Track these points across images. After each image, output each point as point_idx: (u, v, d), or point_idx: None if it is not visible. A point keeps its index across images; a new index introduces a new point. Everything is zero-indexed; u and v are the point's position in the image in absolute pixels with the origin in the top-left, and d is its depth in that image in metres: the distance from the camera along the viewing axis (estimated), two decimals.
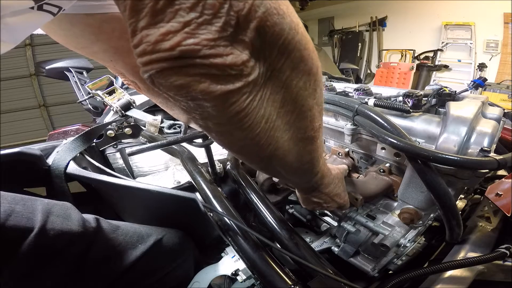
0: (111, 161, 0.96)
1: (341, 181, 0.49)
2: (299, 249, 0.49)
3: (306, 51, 0.26)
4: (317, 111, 0.32)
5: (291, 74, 0.26)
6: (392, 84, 3.78)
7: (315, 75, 0.29)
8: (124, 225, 0.50)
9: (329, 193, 0.47)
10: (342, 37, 4.93)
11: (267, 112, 0.26)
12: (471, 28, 3.38)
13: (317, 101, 0.32)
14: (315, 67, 0.28)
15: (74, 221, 0.42)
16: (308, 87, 0.29)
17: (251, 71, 0.22)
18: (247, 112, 0.24)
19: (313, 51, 0.27)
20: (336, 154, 0.67)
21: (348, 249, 0.57)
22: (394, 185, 0.60)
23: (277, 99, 0.26)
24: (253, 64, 0.22)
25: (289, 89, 0.27)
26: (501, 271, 0.46)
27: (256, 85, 0.23)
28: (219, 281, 0.57)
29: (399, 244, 0.53)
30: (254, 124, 0.25)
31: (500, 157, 0.42)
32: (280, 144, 0.30)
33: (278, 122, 0.28)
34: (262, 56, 0.23)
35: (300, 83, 0.27)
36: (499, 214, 0.56)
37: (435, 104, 0.57)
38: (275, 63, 0.24)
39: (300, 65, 0.26)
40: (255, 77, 0.22)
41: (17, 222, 0.37)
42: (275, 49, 0.23)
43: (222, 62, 0.20)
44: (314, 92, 0.30)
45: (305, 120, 0.31)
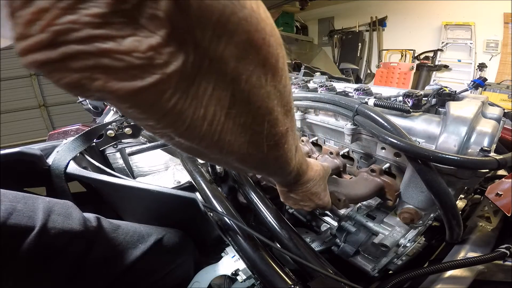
0: (111, 161, 0.96)
1: (322, 179, 0.45)
2: (299, 249, 0.49)
3: (259, 34, 0.19)
4: (281, 113, 0.26)
5: (237, 66, 0.19)
6: (392, 84, 3.77)
7: (274, 68, 0.22)
8: (125, 225, 0.50)
9: (306, 191, 0.43)
10: (342, 37, 4.93)
11: (209, 112, 0.20)
12: (471, 28, 3.38)
13: (281, 102, 0.26)
14: (273, 57, 0.22)
15: (75, 220, 0.42)
16: (265, 84, 0.23)
17: (170, 60, 0.16)
18: (177, 113, 0.18)
19: (271, 35, 0.21)
20: (328, 154, 0.66)
21: (348, 249, 0.57)
22: (386, 187, 0.57)
23: (224, 97, 0.20)
24: (172, 50, 0.16)
25: (238, 86, 0.21)
26: (501, 271, 0.45)
27: (184, 79, 0.17)
28: (219, 281, 0.57)
29: (399, 244, 0.53)
30: (192, 128, 0.20)
31: (500, 157, 0.42)
32: (235, 148, 0.25)
33: (228, 124, 0.22)
34: (190, 39, 0.16)
35: (253, 78, 0.21)
36: (499, 214, 0.56)
37: (435, 104, 0.57)
38: (211, 50, 0.18)
39: (249, 54, 0.20)
40: (178, 68, 0.16)
41: (19, 221, 0.37)
42: (209, 30, 0.17)
43: (115, 48, 0.14)
44: (275, 91, 0.24)
45: (263, 124, 0.25)
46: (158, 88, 0.16)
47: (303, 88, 0.81)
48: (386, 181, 0.56)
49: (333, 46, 5.09)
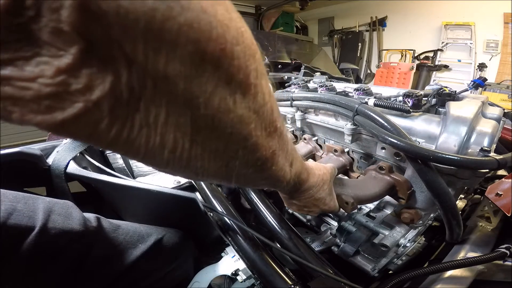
0: (111, 161, 0.96)
1: (326, 183, 0.42)
2: (299, 249, 0.49)
3: (214, 44, 0.15)
4: (262, 137, 0.22)
5: (189, 87, 0.15)
6: (392, 84, 3.77)
7: (243, 86, 0.18)
8: (125, 225, 0.50)
9: (309, 198, 0.41)
10: (342, 37, 4.93)
11: (168, 140, 0.17)
12: (471, 28, 3.38)
13: (260, 125, 0.21)
14: (241, 72, 0.17)
15: (75, 220, 0.42)
16: (234, 107, 0.18)
17: (92, 83, 0.13)
18: (124, 143, 0.15)
19: (236, 43, 0.16)
20: (332, 152, 0.64)
21: (348, 249, 0.57)
22: (397, 185, 0.53)
23: (183, 123, 0.17)
24: (91, 71, 0.13)
25: (196, 111, 0.17)
26: (501, 271, 0.45)
27: (122, 105, 0.14)
28: (219, 281, 0.57)
29: (399, 244, 0.53)
30: (150, 156, 0.17)
31: (500, 157, 0.42)
32: (211, 173, 0.21)
33: (196, 151, 0.19)
34: (117, 55, 0.13)
35: (214, 101, 0.17)
36: (499, 214, 0.56)
37: (435, 104, 0.57)
38: (150, 67, 0.14)
39: (203, 71, 0.15)
40: (106, 93, 0.13)
41: (19, 221, 0.37)
42: (139, 41, 0.13)
43: (16, 75, 0.12)
44: (249, 113, 0.19)
45: (239, 151, 0.21)
46: (87, 119, 0.13)
47: (303, 88, 0.81)
48: (397, 179, 0.53)
49: (333, 46, 5.09)
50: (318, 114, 0.73)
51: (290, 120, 0.81)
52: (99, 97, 0.13)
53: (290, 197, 0.42)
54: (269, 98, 0.21)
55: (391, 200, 0.63)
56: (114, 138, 0.15)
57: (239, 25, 0.17)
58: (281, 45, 1.79)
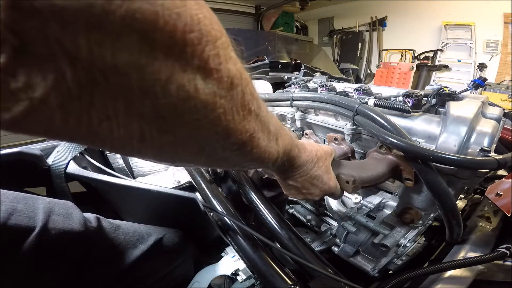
0: (111, 161, 0.96)
1: (321, 160, 0.40)
2: (299, 249, 0.49)
3: (162, 32, 0.15)
4: (236, 121, 0.21)
5: (142, 76, 0.15)
6: (392, 84, 3.77)
7: (204, 70, 0.17)
8: (125, 225, 0.50)
9: (305, 176, 0.39)
10: (342, 37, 4.93)
11: (133, 130, 0.17)
12: (471, 28, 3.38)
13: (231, 108, 0.20)
14: (197, 56, 0.17)
15: (76, 220, 0.42)
16: (196, 93, 0.17)
17: (32, 81, 0.13)
18: (85, 136, 0.16)
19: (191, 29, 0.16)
20: (333, 141, 0.62)
21: (348, 249, 0.57)
22: (401, 165, 0.49)
23: (146, 112, 0.17)
24: (29, 69, 0.13)
25: (156, 100, 0.16)
26: (501, 271, 0.45)
27: (73, 99, 0.14)
28: (219, 281, 0.57)
29: (399, 244, 0.53)
30: (119, 146, 0.17)
31: (500, 157, 0.42)
32: (190, 159, 0.22)
33: (167, 138, 0.19)
34: (57, 51, 0.13)
35: (171, 88, 0.16)
36: (499, 214, 0.56)
37: (435, 104, 0.57)
38: (97, 61, 0.14)
39: (154, 58, 0.15)
40: (50, 89, 0.13)
41: (19, 221, 0.37)
42: (81, 36, 0.13)
43: None
44: (214, 98, 0.19)
45: (212, 137, 0.21)
46: (38, 116, 0.13)
47: (303, 88, 0.81)
48: (400, 157, 0.49)
49: (333, 46, 5.09)
50: (318, 114, 0.73)
51: (290, 120, 0.81)
52: (43, 94, 0.13)
53: (284, 177, 0.40)
54: (239, 81, 0.20)
55: (391, 200, 0.63)
56: (73, 132, 0.15)
57: (195, 12, 0.16)
58: (281, 45, 1.79)
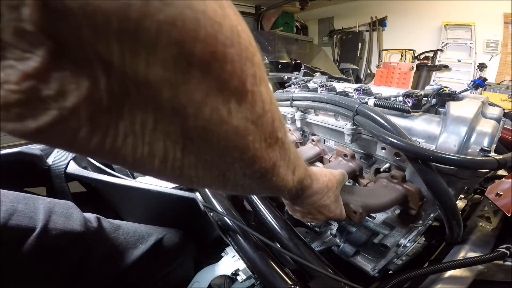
0: None
1: (331, 190, 0.40)
2: (299, 249, 0.49)
3: (203, 46, 0.13)
4: (262, 149, 0.20)
5: (175, 95, 0.14)
6: (392, 84, 3.77)
7: (239, 94, 0.16)
8: (125, 225, 0.50)
9: (313, 204, 0.38)
10: (342, 37, 4.93)
11: (157, 149, 0.16)
12: (471, 28, 3.38)
13: (259, 136, 0.19)
14: (236, 77, 0.15)
15: (76, 221, 0.42)
16: (229, 118, 0.16)
17: (65, 89, 0.12)
18: (108, 152, 0.14)
19: (231, 45, 0.14)
20: (342, 156, 0.62)
21: (348, 249, 0.57)
22: (409, 196, 0.51)
23: (173, 131, 0.15)
24: (64, 75, 0.11)
25: (185, 121, 0.15)
26: (501, 271, 0.45)
27: (103, 112, 0.13)
28: (219, 281, 0.57)
29: (399, 244, 0.53)
30: (139, 165, 0.16)
31: (500, 157, 0.42)
32: (207, 182, 0.20)
33: (190, 160, 0.17)
34: (92, 57, 0.12)
35: (205, 111, 0.15)
36: (499, 214, 0.56)
37: (435, 104, 0.57)
38: (129, 71, 0.12)
39: (191, 77, 0.14)
40: (82, 99, 0.12)
41: (20, 222, 0.37)
42: (113, 42, 0.11)
43: None
44: (246, 124, 0.17)
45: (236, 164, 0.20)
46: (64, 128, 0.12)
47: (303, 88, 0.81)
48: (410, 189, 0.50)
49: (333, 46, 5.09)
50: (318, 114, 0.73)
51: (290, 120, 0.81)
52: (75, 104, 0.12)
53: (292, 203, 0.40)
54: (270, 106, 0.19)
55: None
56: (96, 147, 0.14)
57: (235, 24, 0.15)
58: (281, 45, 1.79)
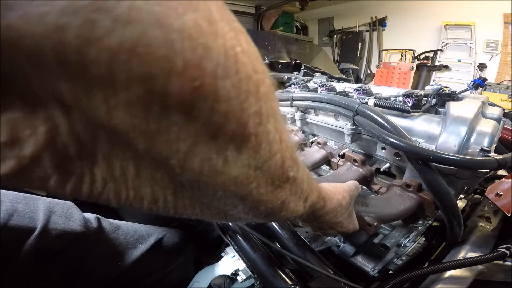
0: None
1: (345, 207, 0.37)
2: (299, 249, 0.49)
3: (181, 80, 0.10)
4: (268, 192, 0.17)
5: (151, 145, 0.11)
6: (392, 84, 3.77)
7: (238, 140, 0.13)
8: (125, 225, 0.50)
9: (325, 222, 0.36)
10: (342, 37, 4.93)
11: (145, 193, 0.14)
12: (471, 28, 3.38)
13: (265, 180, 0.16)
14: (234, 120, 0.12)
15: (76, 221, 0.42)
16: (226, 168, 0.13)
17: (19, 136, 0.10)
18: (88, 196, 0.13)
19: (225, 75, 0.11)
20: (351, 161, 0.59)
21: (348, 249, 0.57)
22: (425, 205, 0.49)
23: (160, 178, 0.14)
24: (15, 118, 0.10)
25: (172, 172, 0.13)
26: (501, 271, 0.45)
27: (71, 158, 0.11)
28: (219, 281, 0.57)
29: (399, 244, 0.53)
30: (129, 206, 0.14)
31: (500, 157, 0.42)
32: (207, 218, 0.19)
33: (184, 202, 0.16)
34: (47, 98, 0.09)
35: (194, 163, 0.12)
36: (499, 214, 0.56)
37: (435, 104, 0.57)
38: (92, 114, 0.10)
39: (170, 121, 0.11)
40: (42, 147, 0.10)
41: (20, 222, 0.37)
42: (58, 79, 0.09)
43: None
44: (248, 172, 0.15)
45: (237, 206, 0.18)
46: (29, 176, 0.11)
47: (303, 88, 0.81)
48: (426, 198, 0.48)
49: (333, 46, 5.09)
50: (318, 114, 0.73)
51: (290, 120, 0.81)
52: (34, 152, 0.10)
53: (304, 220, 0.37)
54: (279, 146, 0.16)
55: None
56: (73, 192, 0.12)
57: (231, 43, 0.11)
58: (281, 45, 1.79)
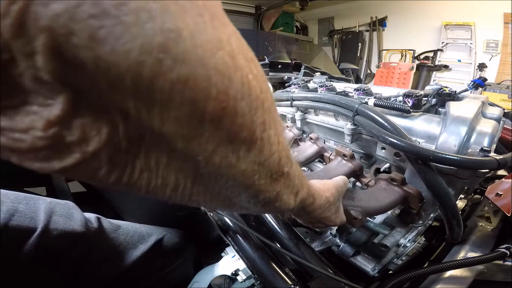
0: None
1: (333, 204, 0.40)
2: (299, 249, 0.49)
3: (214, 103, 0.13)
4: (267, 183, 0.21)
5: (188, 146, 0.15)
6: (392, 84, 3.77)
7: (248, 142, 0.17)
8: (125, 225, 0.50)
9: (313, 217, 0.39)
10: (342, 37, 4.93)
11: (169, 181, 0.17)
12: (471, 28, 3.38)
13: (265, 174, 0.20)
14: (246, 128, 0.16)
15: (77, 221, 0.42)
16: (237, 163, 0.17)
17: (87, 135, 0.12)
18: (125, 184, 0.15)
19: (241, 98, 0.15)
20: (341, 156, 0.61)
21: (348, 249, 0.57)
22: (409, 198, 0.50)
23: (185, 168, 0.17)
24: (85, 122, 0.12)
25: (197, 165, 0.16)
26: (501, 271, 0.46)
27: (122, 153, 0.14)
28: (219, 281, 0.57)
29: (399, 244, 0.53)
30: (152, 193, 0.17)
31: (500, 157, 0.42)
32: (213, 205, 0.22)
33: (198, 189, 0.19)
34: (110, 106, 0.12)
35: (215, 159, 0.16)
36: (499, 214, 0.56)
37: (435, 104, 0.57)
38: (145, 123, 0.13)
39: (203, 131, 0.14)
40: (103, 144, 0.13)
41: (21, 222, 0.37)
42: (128, 97, 0.12)
43: (8, 125, 0.11)
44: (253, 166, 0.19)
45: (242, 195, 0.21)
46: (86, 167, 0.13)
47: (303, 88, 0.81)
48: (409, 192, 0.50)
49: (333, 46, 5.09)
50: (318, 114, 0.73)
51: (290, 120, 0.81)
52: (97, 148, 0.13)
53: (294, 214, 0.39)
54: (277, 147, 0.20)
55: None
56: (115, 181, 0.15)
57: (245, 73, 0.15)
58: (281, 45, 1.79)
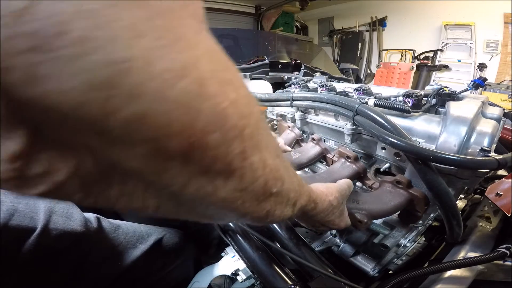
0: None
1: (337, 207, 0.39)
2: (299, 249, 0.49)
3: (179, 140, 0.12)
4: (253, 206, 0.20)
5: (159, 179, 0.14)
6: (392, 84, 3.77)
7: (225, 173, 0.15)
8: (125, 225, 0.50)
9: (317, 221, 0.38)
10: (342, 37, 4.93)
11: (150, 204, 0.17)
12: (471, 28, 3.38)
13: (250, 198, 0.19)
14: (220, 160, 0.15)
15: (76, 221, 0.42)
16: (215, 192, 0.16)
17: (52, 169, 0.12)
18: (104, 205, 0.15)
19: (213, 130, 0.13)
20: (344, 158, 0.60)
21: (348, 249, 0.57)
22: (415, 201, 0.49)
23: (164, 194, 0.16)
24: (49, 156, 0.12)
25: (173, 194, 0.16)
26: (501, 271, 0.46)
27: (94, 182, 0.14)
28: (219, 281, 0.57)
29: (399, 244, 0.53)
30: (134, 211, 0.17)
31: (500, 157, 0.42)
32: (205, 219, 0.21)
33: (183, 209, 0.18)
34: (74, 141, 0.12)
35: (190, 189, 0.15)
36: (499, 214, 0.56)
37: (435, 104, 0.57)
38: (112, 160, 0.13)
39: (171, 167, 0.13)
40: (70, 175, 0.13)
41: (20, 222, 0.37)
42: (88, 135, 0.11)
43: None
44: (234, 193, 0.17)
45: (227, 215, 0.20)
46: (60, 193, 0.13)
47: (303, 88, 0.81)
48: (415, 195, 0.49)
49: (333, 46, 5.09)
50: (318, 114, 0.73)
51: (290, 120, 0.81)
52: (65, 179, 0.13)
53: (296, 218, 0.39)
54: (262, 172, 0.18)
55: None
56: (92, 204, 0.15)
57: (218, 101, 0.13)
58: (281, 45, 1.79)
